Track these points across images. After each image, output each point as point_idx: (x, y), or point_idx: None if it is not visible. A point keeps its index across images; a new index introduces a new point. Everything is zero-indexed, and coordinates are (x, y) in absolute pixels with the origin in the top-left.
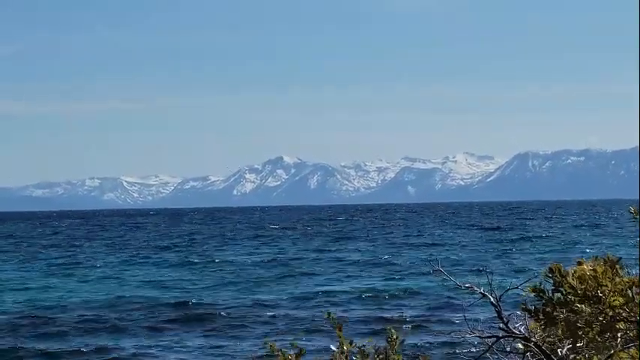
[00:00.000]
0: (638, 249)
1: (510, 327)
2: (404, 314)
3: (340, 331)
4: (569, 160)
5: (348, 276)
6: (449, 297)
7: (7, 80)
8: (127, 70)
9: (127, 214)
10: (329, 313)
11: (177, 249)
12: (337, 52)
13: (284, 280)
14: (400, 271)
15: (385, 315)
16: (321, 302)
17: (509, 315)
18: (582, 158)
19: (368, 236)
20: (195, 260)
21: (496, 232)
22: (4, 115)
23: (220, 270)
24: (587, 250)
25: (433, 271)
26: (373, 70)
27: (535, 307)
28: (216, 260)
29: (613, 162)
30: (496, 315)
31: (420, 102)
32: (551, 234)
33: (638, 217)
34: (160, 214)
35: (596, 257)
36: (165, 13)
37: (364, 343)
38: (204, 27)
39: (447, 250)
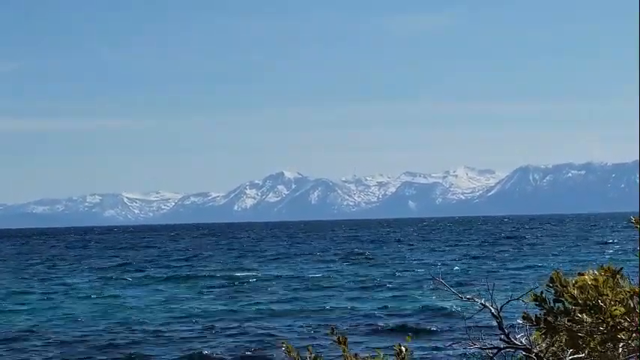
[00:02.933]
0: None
1: (512, 338)
2: (404, 326)
3: (345, 345)
4: (570, 174)
5: (349, 289)
6: (450, 309)
7: (8, 97)
8: (128, 89)
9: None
10: (333, 329)
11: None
12: (337, 69)
13: (286, 297)
14: (400, 284)
15: (386, 328)
16: (321, 317)
17: (510, 326)
18: (583, 172)
19: (368, 252)
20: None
21: (496, 245)
22: (5, 131)
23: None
24: (586, 264)
25: (434, 283)
26: (373, 85)
27: (536, 316)
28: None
29: (614, 175)
30: (497, 326)
31: (419, 116)
32: (551, 247)
33: (638, 226)
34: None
35: (590, 269)
36: (166, 35)
37: (369, 355)
38: (204, 46)
39: (448, 262)
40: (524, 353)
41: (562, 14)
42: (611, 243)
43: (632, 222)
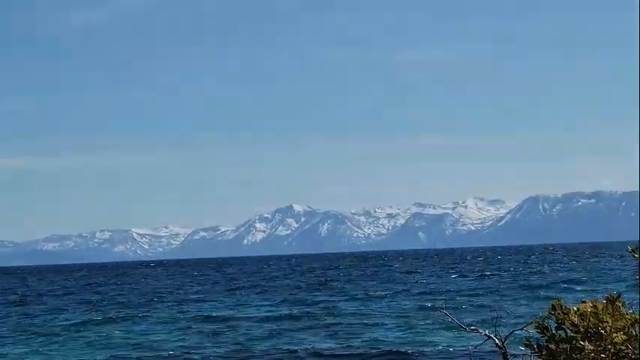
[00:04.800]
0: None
1: None
2: (410, 358)
3: None
4: (580, 203)
5: (347, 323)
6: (454, 340)
7: (18, 135)
8: (135, 124)
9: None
10: None
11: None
12: (345, 102)
13: (291, 330)
14: (404, 316)
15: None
16: (318, 352)
17: (514, 357)
18: (593, 200)
19: (371, 283)
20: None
21: (501, 276)
22: (14, 169)
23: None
24: (593, 294)
25: (438, 314)
26: (380, 117)
27: (538, 344)
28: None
29: (624, 203)
30: (502, 357)
31: (428, 148)
32: (560, 277)
33: (636, 255)
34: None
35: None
36: (172, 70)
37: None
38: (209, 80)
39: (452, 293)
40: None
41: (569, 41)
42: (617, 271)
43: (629, 251)
